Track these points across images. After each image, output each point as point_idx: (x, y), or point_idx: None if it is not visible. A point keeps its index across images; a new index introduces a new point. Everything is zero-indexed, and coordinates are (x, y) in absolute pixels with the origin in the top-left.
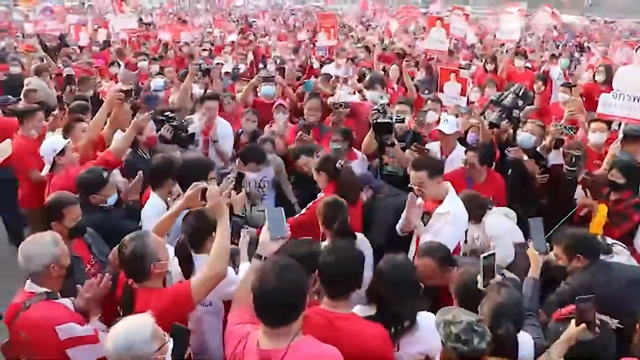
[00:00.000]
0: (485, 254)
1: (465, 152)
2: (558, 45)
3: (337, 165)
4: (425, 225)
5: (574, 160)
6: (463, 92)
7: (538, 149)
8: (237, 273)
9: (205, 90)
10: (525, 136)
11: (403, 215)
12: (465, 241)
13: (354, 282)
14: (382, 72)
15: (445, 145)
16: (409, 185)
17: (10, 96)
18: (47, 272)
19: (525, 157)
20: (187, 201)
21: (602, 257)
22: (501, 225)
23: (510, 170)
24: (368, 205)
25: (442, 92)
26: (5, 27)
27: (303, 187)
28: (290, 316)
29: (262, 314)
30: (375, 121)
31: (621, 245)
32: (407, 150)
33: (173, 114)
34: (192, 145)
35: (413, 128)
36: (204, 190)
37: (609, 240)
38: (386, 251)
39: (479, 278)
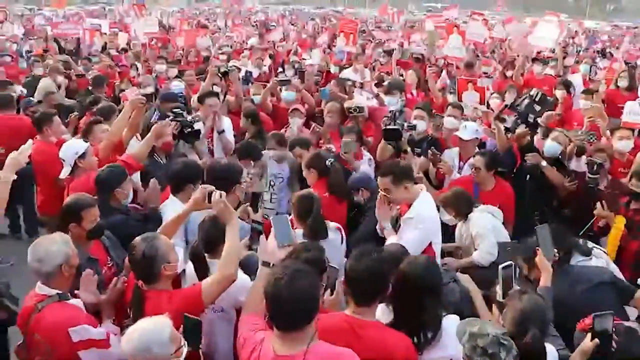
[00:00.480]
0: (504, 265)
1: (474, 156)
2: (579, 51)
3: (327, 163)
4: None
5: (595, 167)
6: (482, 101)
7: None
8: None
9: (225, 93)
10: (551, 145)
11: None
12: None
13: (382, 289)
14: (400, 78)
15: (464, 151)
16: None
17: (32, 98)
18: (59, 272)
19: (544, 163)
20: (194, 204)
21: (581, 259)
22: (486, 224)
23: (528, 177)
24: (364, 206)
25: (461, 101)
26: (29, 30)
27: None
28: (303, 321)
29: (276, 320)
30: (384, 128)
31: (601, 250)
32: (422, 157)
33: (180, 111)
34: (197, 141)
35: (432, 133)
36: (210, 193)
37: (590, 244)
38: None
39: (498, 289)
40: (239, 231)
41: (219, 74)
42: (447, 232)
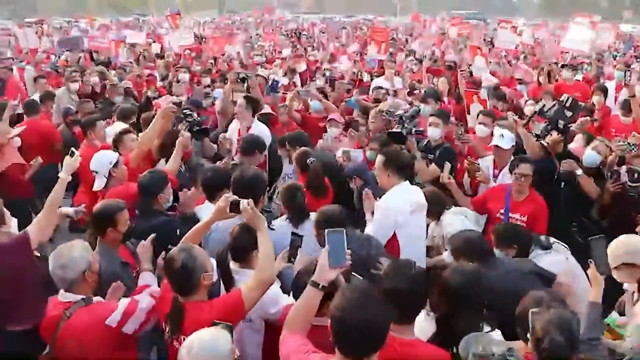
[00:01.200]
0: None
1: (516, 165)
2: (615, 56)
3: (307, 161)
4: None
5: (636, 175)
6: None
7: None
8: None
9: None
10: (590, 154)
11: None
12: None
13: (422, 305)
14: (432, 85)
15: (499, 159)
16: None
17: (71, 107)
18: (83, 278)
19: (579, 172)
20: (218, 213)
21: (540, 252)
22: (456, 225)
23: (563, 184)
24: (357, 194)
25: (469, 113)
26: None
27: None
28: (371, 349)
29: (341, 345)
30: (388, 131)
31: (563, 245)
32: (432, 164)
33: (190, 112)
34: (206, 138)
35: (456, 142)
36: (233, 202)
37: (552, 240)
38: None
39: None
40: (269, 236)
41: (239, 80)
42: None
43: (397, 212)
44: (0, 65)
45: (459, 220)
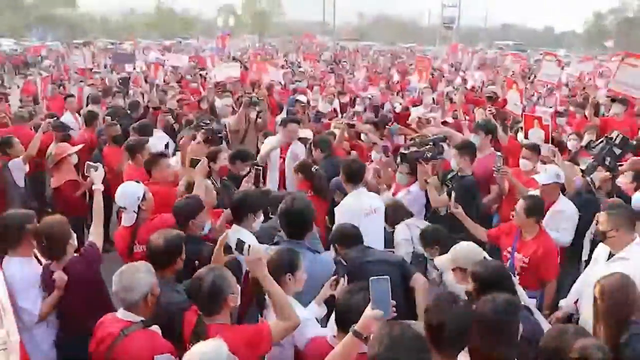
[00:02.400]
0: None
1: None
2: None
3: (312, 169)
4: None
5: None
6: (547, 139)
7: None
8: None
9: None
10: (638, 199)
11: None
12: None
13: (465, 341)
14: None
15: (544, 195)
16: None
17: (102, 128)
18: (145, 300)
19: None
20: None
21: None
22: (402, 234)
23: None
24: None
25: (527, 138)
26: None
27: None
28: None
29: None
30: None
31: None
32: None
33: (209, 122)
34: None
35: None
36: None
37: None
38: None
39: None
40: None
41: (251, 104)
42: None
43: (352, 213)
44: (51, 83)
45: (407, 230)
